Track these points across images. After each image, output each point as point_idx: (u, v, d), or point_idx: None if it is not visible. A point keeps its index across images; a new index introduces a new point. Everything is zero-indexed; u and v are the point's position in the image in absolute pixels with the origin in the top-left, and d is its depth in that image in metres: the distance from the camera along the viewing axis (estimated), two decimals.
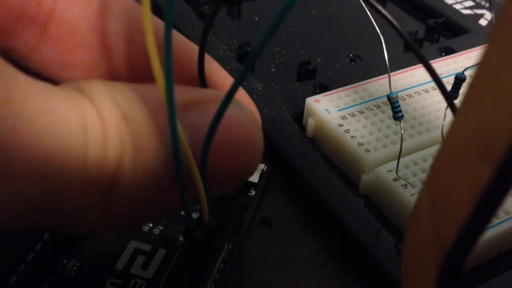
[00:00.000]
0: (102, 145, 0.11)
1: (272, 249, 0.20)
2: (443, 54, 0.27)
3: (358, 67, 0.28)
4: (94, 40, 0.13)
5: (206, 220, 0.15)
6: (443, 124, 0.20)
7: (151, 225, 0.19)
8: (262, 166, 0.21)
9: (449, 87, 0.24)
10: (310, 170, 0.21)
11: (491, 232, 0.18)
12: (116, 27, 0.13)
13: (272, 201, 0.21)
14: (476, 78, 0.09)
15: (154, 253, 0.18)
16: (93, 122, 0.11)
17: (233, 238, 0.19)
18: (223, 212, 0.17)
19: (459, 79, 0.19)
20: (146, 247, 0.18)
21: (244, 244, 0.20)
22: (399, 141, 0.20)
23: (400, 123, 0.19)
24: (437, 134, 0.21)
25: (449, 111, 0.20)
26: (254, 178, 0.21)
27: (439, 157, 0.10)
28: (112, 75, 0.14)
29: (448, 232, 0.09)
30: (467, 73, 0.20)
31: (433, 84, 0.24)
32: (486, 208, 0.08)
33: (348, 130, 0.21)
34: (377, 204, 0.20)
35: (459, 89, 0.19)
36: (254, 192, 0.21)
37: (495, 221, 0.18)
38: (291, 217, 0.21)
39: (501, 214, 0.18)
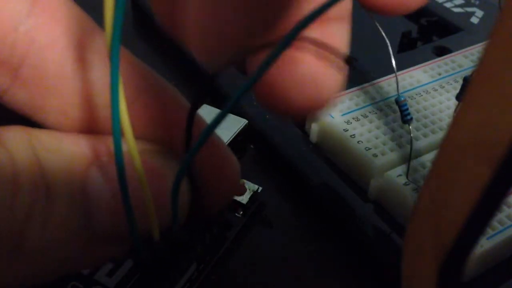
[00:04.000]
0: (11, 194, 0.11)
1: (272, 249, 0.20)
2: (439, 54, 0.28)
3: (355, 69, 0.29)
4: (68, 87, 0.13)
5: (156, 239, 0.15)
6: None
7: None
8: (255, 187, 0.21)
9: (448, 87, 0.25)
10: (316, 177, 0.22)
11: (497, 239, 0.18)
12: (93, 75, 0.13)
13: (272, 202, 0.22)
14: (476, 78, 0.09)
15: (124, 262, 0.18)
16: (2, 170, 0.11)
17: (206, 258, 0.19)
18: (188, 232, 0.17)
19: (467, 81, 0.19)
20: None
21: (244, 244, 0.20)
22: (406, 144, 0.20)
23: (409, 126, 0.20)
24: (443, 135, 0.21)
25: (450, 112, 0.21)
26: (244, 198, 0.21)
27: (439, 157, 0.10)
28: (91, 125, 0.13)
29: (448, 232, 0.09)
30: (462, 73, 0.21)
31: (433, 84, 0.25)
32: (486, 208, 0.08)
33: (353, 135, 0.22)
34: (387, 208, 0.21)
35: None
36: (241, 213, 0.21)
37: (499, 227, 0.19)
38: (291, 217, 0.22)
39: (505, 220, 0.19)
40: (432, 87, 0.25)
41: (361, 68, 0.28)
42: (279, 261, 0.20)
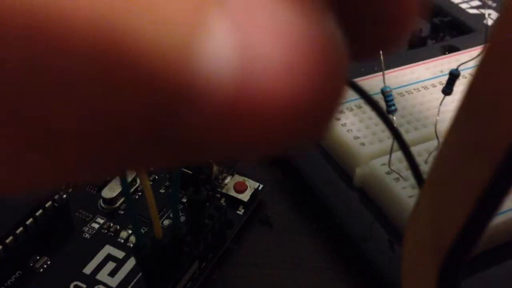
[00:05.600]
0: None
1: (272, 249, 0.20)
2: (446, 53, 0.28)
3: (354, 62, 0.29)
4: None
5: (158, 237, 0.15)
6: (436, 119, 0.21)
7: (130, 231, 0.19)
8: (256, 185, 0.21)
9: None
10: (306, 163, 0.22)
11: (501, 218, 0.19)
12: None
13: (272, 202, 0.22)
14: (475, 78, 0.09)
15: (125, 261, 0.18)
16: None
17: (209, 256, 0.19)
18: (190, 230, 0.17)
19: (453, 75, 0.20)
20: (119, 254, 0.18)
21: (244, 244, 0.20)
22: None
23: (393, 117, 0.20)
24: (433, 129, 0.22)
25: (443, 107, 0.21)
26: (245, 196, 0.21)
27: (439, 157, 0.10)
28: None
29: (448, 232, 0.09)
30: (467, 71, 0.21)
31: (432, 81, 0.25)
32: (486, 208, 0.09)
33: (345, 123, 0.22)
34: (371, 196, 0.21)
35: (453, 85, 0.20)
36: (242, 211, 0.21)
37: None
38: (291, 217, 0.22)
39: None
40: (431, 84, 0.25)
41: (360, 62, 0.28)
42: (279, 260, 0.20)
